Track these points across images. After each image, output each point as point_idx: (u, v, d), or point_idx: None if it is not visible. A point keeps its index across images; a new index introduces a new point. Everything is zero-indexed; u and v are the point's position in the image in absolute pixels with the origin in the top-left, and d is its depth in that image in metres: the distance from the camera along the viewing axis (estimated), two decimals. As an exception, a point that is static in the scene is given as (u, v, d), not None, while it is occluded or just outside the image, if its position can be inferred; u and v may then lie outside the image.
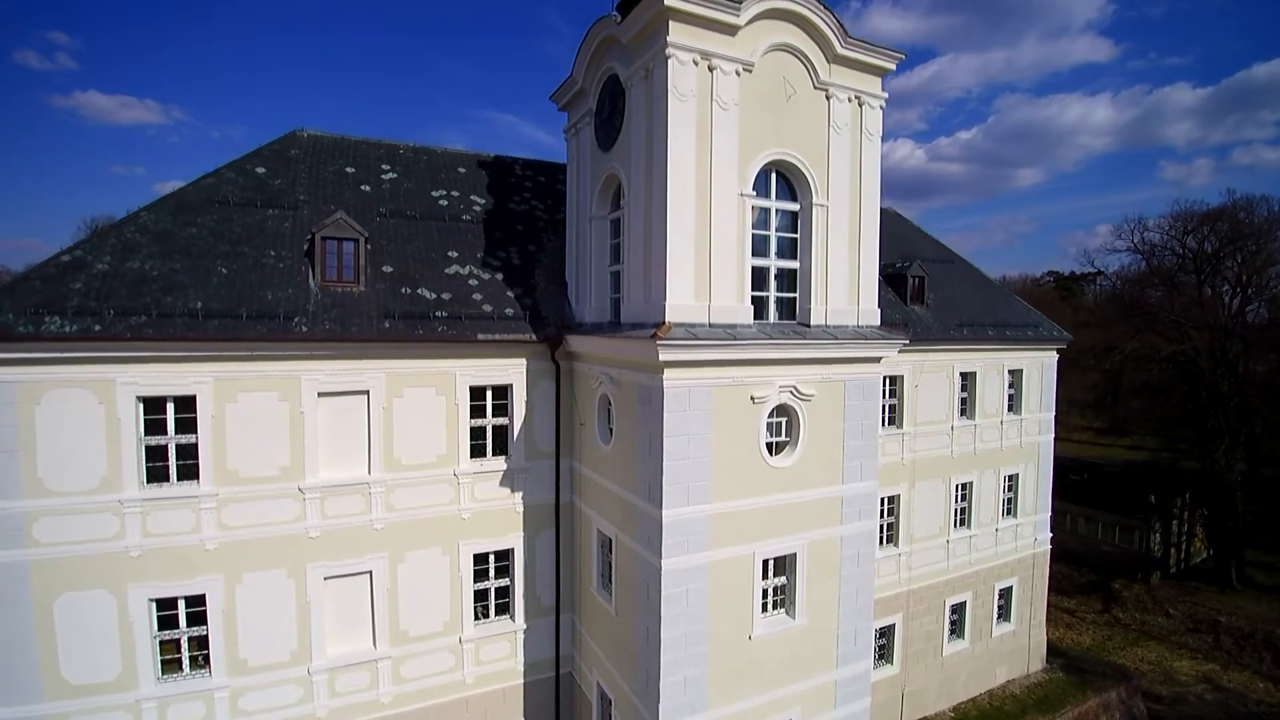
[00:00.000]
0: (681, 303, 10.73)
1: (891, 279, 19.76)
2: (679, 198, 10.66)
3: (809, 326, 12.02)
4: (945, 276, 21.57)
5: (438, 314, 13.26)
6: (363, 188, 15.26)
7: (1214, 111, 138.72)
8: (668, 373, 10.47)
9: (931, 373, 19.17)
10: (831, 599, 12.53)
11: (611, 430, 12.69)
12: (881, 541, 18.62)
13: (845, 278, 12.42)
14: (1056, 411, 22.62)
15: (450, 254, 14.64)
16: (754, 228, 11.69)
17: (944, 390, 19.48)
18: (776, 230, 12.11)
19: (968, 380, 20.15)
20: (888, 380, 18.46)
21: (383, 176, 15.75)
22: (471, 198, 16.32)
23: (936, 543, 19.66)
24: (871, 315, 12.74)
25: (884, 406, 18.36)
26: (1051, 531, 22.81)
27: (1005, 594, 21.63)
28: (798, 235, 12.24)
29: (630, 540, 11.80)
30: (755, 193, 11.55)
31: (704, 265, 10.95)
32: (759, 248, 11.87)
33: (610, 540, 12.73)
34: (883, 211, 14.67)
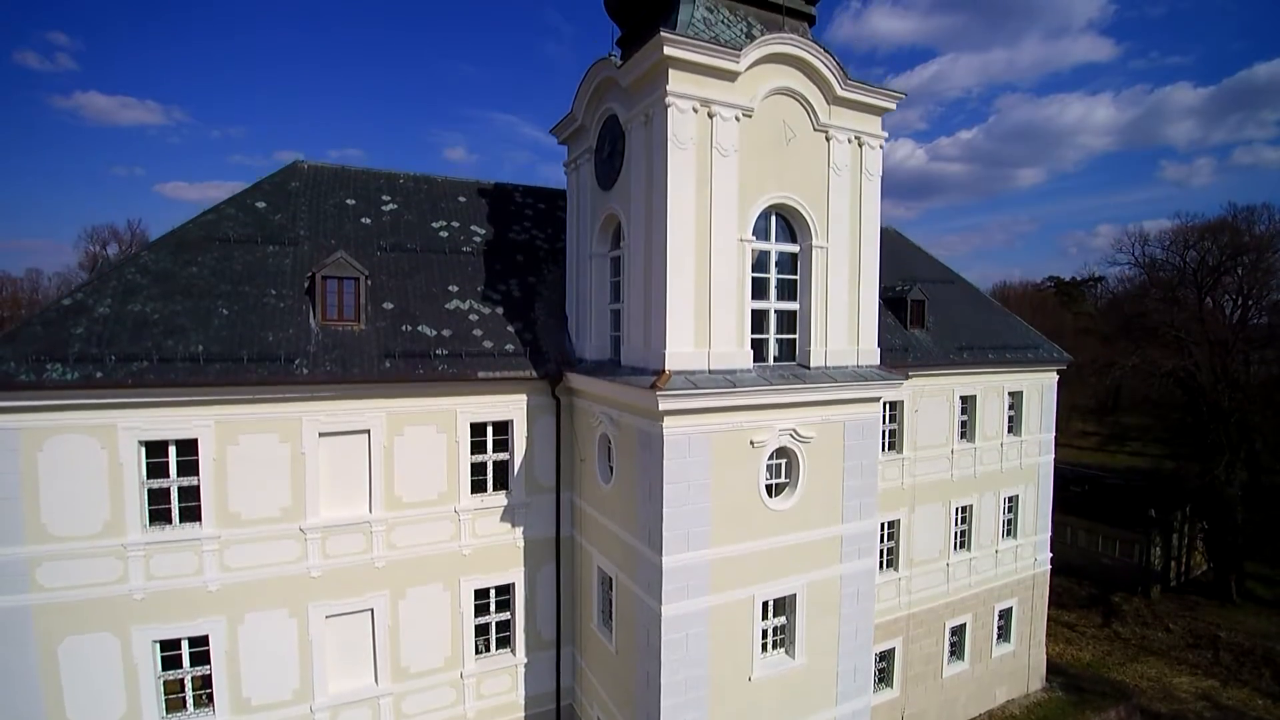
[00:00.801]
0: (681, 350, 10.75)
1: (891, 302, 19.76)
2: (679, 245, 10.67)
3: (808, 368, 12.04)
4: (945, 297, 21.57)
5: (438, 352, 13.29)
6: (363, 220, 15.28)
7: (1215, 111, 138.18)
8: (667, 421, 10.50)
9: (931, 397, 19.18)
10: (831, 637, 12.58)
11: (612, 469, 12.72)
12: (881, 566, 18.67)
13: (845, 318, 12.43)
14: (1057, 417, 22.61)
15: (450, 288, 14.66)
16: (753, 270, 11.70)
17: (944, 414, 19.49)
18: (776, 272, 12.13)
19: (968, 403, 20.15)
20: (887, 405, 18.48)
21: (383, 208, 15.77)
22: (472, 228, 16.34)
23: (936, 566, 19.70)
24: (871, 355, 12.76)
25: (884, 432, 18.39)
26: (1051, 545, 22.83)
27: (1005, 615, 21.68)
28: (797, 276, 12.25)
29: (630, 582, 11.85)
30: (755, 236, 11.57)
31: (704, 312, 10.97)
32: (758, 290, 11.89)
33: (611, 579, 12.78)
34: (882, 230, 14.67)
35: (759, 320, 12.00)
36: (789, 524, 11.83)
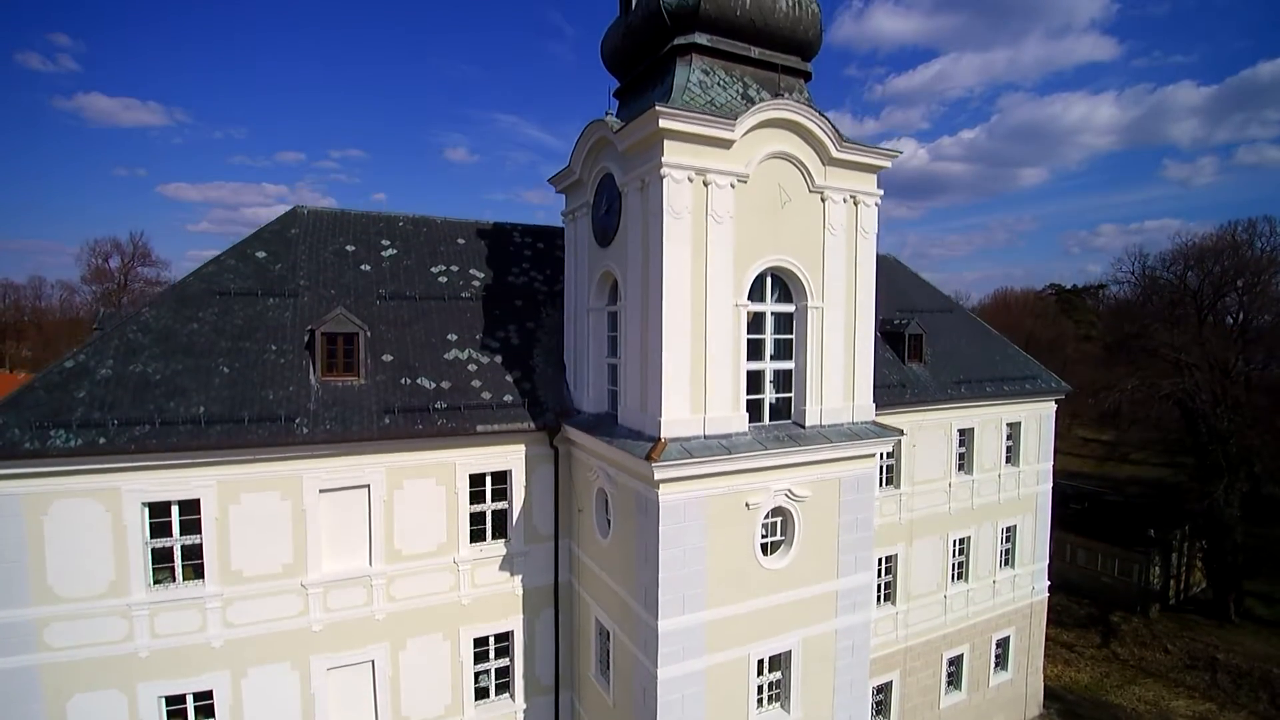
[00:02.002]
0: (677, 417, 10.84)
1: (890, 336, 19.80)
2: (674, 313, 10.75)
3: (804, 427, 12.12)
4: (943, 328, 21.60)
5: (437, 405, 13.41)
6: (363, 267, 15.38)
7: (1218, 110, 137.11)
8: (663, 487, 10.61)
9: (929, 431, 19.25)
10: (827, 690, 12.71)
11: (609, 522, 12.84)
12: (879, 600, 18.80)
13: (840, 376, 12.50)
14: (1058, 426, 22.61)
15: (450, 336, 14.76)
16: (749, 332, 11.77)
17: (942, 448, 19.57)
18: (772, 332, 12.20)
19: (965, 436, 20.22)
20: (885, 442, 18.56)
21: (382, 254, 15.86)
22: (471, 271, 16.42)
23: (934, 599, 19.81)
24: (867, 410, 12.84)
25: (881, 468, 18.48)
26: (1050, 563, 22.89)
27: (1003, 644, 21.80)
28: (793, 336, 12.32)
29: (627, 640, 11.99)
30: (750, 299, 11.63)
31: (699, 377, 11.05)
32: (754, 350, 11.96)
33: (609, 633, 12.92)
34: (880, 258, 14.72)
35: (754, 379, 12.07)
36: (784, 582, 11.94)
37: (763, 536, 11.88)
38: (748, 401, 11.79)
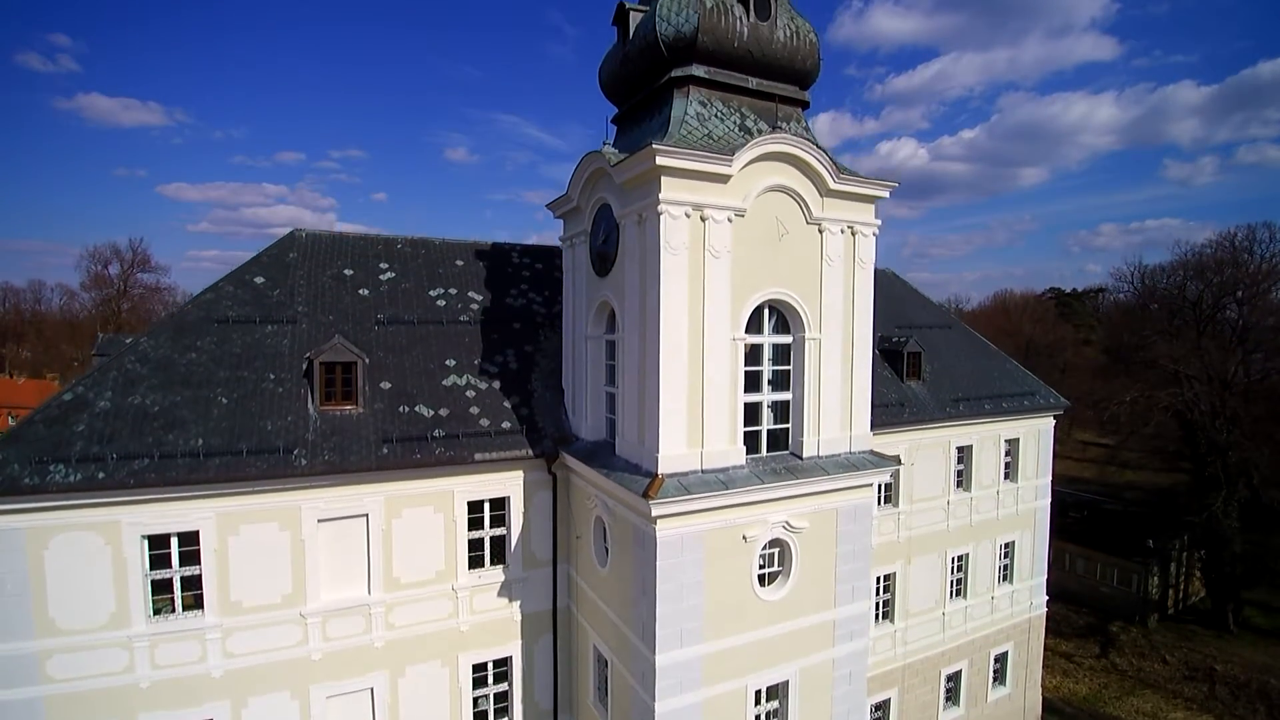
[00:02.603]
0: (674, 452, 10.86)
1: (888, 354, 19.82)
2: (671, 348, 10.76)
3: (801, 459, 12.14)
4: (942, 345, 21.60)
5: (435, 433, 13.43)
6: (361, 292, 15.38)
7: (1219, 109, 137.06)
8: (661, 522, 10.63)
9: (928, 450, 19.27)
10: (824, 718, 12.75)
11: (607, 550, 12.87)
12: (877, 619, 18.85)
13: (838, 405, 12.51)
14: (1057, 430, 22.62)
15: (448, 362, 14.78)
16: (746, 363, 11.78)
17: (940, 465, 19.59)
18: (769, 363, 12.21)
19: (964, 453, 20.24)
20: (884, 461, 18.58)
21: (380, 277, 15.87)
22: (469, 294, 16.43)
23: (932, 616, 19.86)
24: (864, 440, 12.85)
25: (879, 486, 18.50)
26: (1049, 573, 22.93)
27: (1001, 658, 21.85)
28: (790, 366, 12.33)
29: (625, 670, 12.03)
30: (748, 332, 11.64)
31: (696, 412, 11.07)
32: (751, 382, 11.97)
33: (607, 661, 12.96)
34: (879, 273, 14.69)
35: (752, 410, 12.09)
36: (782, 613, 11.97)
37: (760, 567, 11.90)
38: (745, 433, 11.80)
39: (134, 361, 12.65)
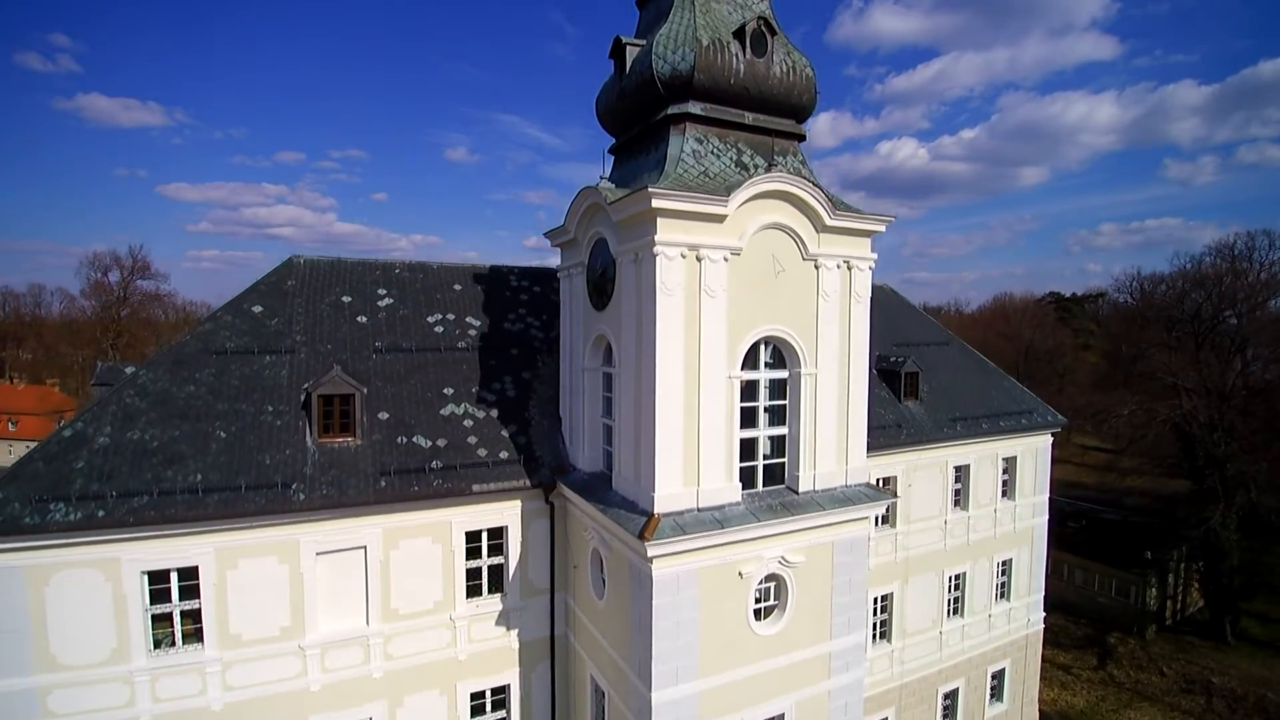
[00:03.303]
0: (670, 492, 10.92)
1: (885, 374, 19.84)
2: (667, 388, 10.80)
3: (797, 493, 12.19)
4: (940, 362, 21.62)
5: (433, 465, 13.48)
6: (359, 319, 15.42)
7: (1219, 109, 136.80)
8: (657, 562, 10.68)
9: (925, 470, 19.32)
10: (820, 748, 12.82)
11: (604, 582, 12.93)
12: (874, 639, 18.94)
13: (834, 439, 12.55)
14: (1056, 434, 22.67)
15: (446, 391, 14.82)
16: (742, 399, 11.82)
17: (937, 485, 19.64)
18: (765, 398, 12.25)
19: (961, 472, 20.28)
20: (880, 481, 18.65)
21: (379, 304, 15.90)
22: (467, 319, 16.46)
23: (929, 635, 19.93)
24: (860, 474, 12.90)
25: (877, 508, 18.53)
26: (1048, 583, 22.97)
27: (998, 675, 21.93)
28: (786, 401, 12.37)
29: (622, 704, 12.10)
30: (744, 369, 11.67)
31: (692, 450, 11.11)
32: (747, 418, 12.01)
33: (604, 693, 13.03)
34: (878, 289, 14.70)
35: (748, 445, 12.13)
36: (778, 648, 12.03)
37: (756, 601, 11.96)
38: (741, 467, 11.84)
39: (133, 395, 12.69)
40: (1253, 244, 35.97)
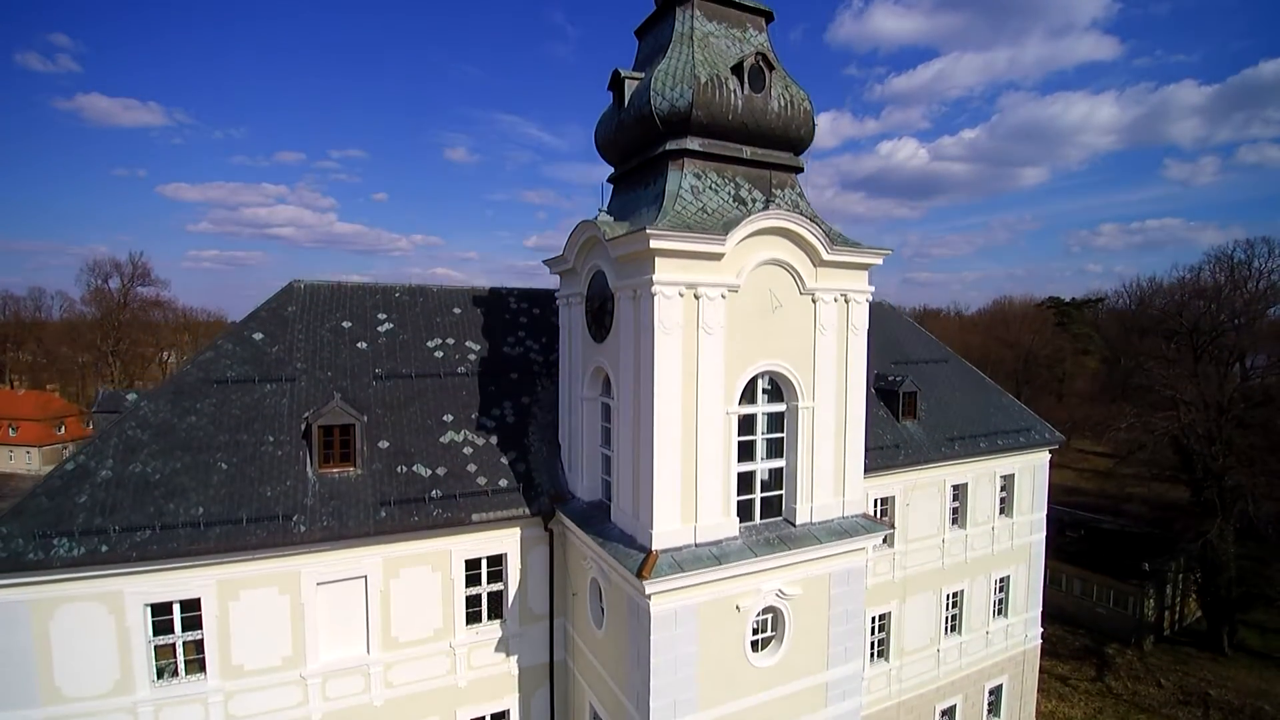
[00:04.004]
0: (668, 529, 10.99)
1: (883, 393, 19.91)
2: (665, 425, 10.87)
3: (794, 526, 12.27)
4: (938, 380, 21.69)
5: (433, 494, 13.57)
6: (359, 345, 15.49)
7: (1220, 109, 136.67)
8: (655, 598, 10.77)
9: (923, 489, 19.40)
10: (817, 776, 12.92)
11: (603, 611, 13.02)
12: (872, 658, 19.05)
13: (831, 471, 12.62)
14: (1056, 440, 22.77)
15: (445, 418, 14.90)
16: (740, 433, 11.89)
17: (935, 504, 19.73)
18: (763, 432, 12.32)
19: (959, 491, 20.37)
20: (878, 502, 18.75)
21: (379, 329, 15.96)
22: (467, 344, 16.53)
23: (927, 653, 20.03)
24: (857, 505, 12.97)
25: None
26: (1046, 594, 23.09)
27: (995, 691, 22.05)
28: (784, 434, 12.44)
29: (621, 735, 12.20)
30: (741, 403, 11.74)
31: (690, 485, 11.19)
32: (745, 452, 12.08)
33: (602, 721, 13.14)
34: (875, 305, 14.71)
35: (745, 478, 12.20)
36: (775, 678, 12.12)
37: (753, 633, 12.05)
38: (739, 501, 11.92)
39: (134, 427, 12.77)
40: (1252, 252, 36.02)
